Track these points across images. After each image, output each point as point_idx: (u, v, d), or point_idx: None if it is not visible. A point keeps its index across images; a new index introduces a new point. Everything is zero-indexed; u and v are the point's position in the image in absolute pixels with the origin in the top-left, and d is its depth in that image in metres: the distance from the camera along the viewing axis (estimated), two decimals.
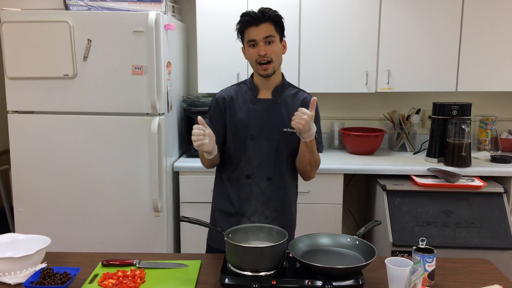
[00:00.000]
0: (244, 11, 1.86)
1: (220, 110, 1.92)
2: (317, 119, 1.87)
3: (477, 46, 2.94)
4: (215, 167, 2.01)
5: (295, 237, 1.92)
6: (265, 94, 1.91)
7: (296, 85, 2.96)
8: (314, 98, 1.74)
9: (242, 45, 1.90)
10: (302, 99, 1.92)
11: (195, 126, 1.71)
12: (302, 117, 1.68)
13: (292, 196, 1.99)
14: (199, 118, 1.72)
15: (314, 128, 1.74)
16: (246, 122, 1.87)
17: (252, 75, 1.95)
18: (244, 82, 1.98)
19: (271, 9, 1.83)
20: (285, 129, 1.87)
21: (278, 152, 1.88)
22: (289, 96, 1.91)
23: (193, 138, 1.70)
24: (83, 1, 2.72)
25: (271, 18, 1.81)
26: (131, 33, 2.55)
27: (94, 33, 2.56)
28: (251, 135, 1.87)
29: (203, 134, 1.70)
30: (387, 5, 2.92)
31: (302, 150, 1.83)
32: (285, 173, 1.92)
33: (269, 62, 1.81)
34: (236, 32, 1.88)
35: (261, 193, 1.88)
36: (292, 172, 1.96)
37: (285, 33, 2.93)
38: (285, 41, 1.91)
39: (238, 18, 2.73)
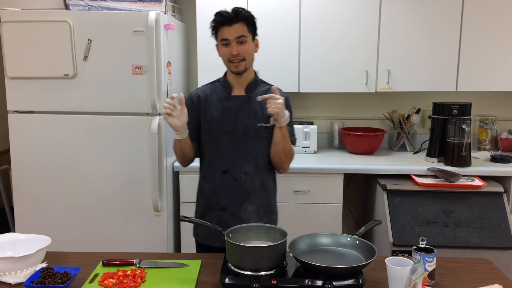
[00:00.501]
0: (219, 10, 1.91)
1: (195, 107, 1.99)
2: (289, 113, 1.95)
3: (477, 45, 2.94)
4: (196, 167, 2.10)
5: (277, 226, 1.93)
6: (238, 91, 1.97)
7: (296, 85, 3.01)
8: (275, 86, 1.84)
9: (216, 43, 1.96)
10: None
11: (167, 100, 1.80)
12: (277, 101, 1.75)
13: (270, 188, 2.05)
14: (181, 94, 1.83)
15: (287, 113, 1.83)
16: (221, 119, 1.94)
17: (225, 73, 2.01)
18: (218, 80, 2.04)
19: (244, 9, 1.88)
20: (259, 124, 1.93)
21: (253, 146, 1.94)
22: (261, 92, 1.95)
23: (164, 105, 1.79)
24: (83, 1, 2.72)
25: (244, 18, 1.86)
26: (131, 33, 2.55)
27: (94, 33, 2.57)
28: (226, 131, 1.94)
29: (173, 106, 1.78)
30: (387, 5, 2.92)
31: (277, 137, 1.89)
32: (262, 167, 1.98)
33: (241, 60, 1.88)
34: (210, 30, 1.94)
35: (239, 187, 1.95)
36: (269, 165, 2.02)
37: (285, 32, 2.96)
38: (257, 40, 1.97)
39: None
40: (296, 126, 3.09)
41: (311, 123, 3.23)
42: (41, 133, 2.68)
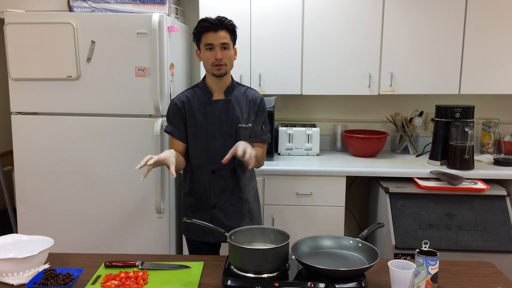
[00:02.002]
0: (203, 17, 2.03)
1: (181, 111, 2.11)
2: (262, 114, 2.14)
3: (480, 48, 2.93)
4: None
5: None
6: (218, 95, 2.11)
7: (299, 88, 3.02)
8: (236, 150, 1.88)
9: (196, 48, 2.09)
10: (251, 96, 2.14)
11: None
12: (251, 157, 1.84)
13: (253, 182, 2.22)
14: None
15: (253, 151, 1.90)
16: (206, 123, 2.08)
17: (204, 79, 2.14)
18: (197, 85, 2.17)
19: (227, 18, 2.02)
20: (239, 125, 2.08)
21: None
22: (240, 95, 2.13)
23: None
24: (86, 3, 2.73)
25: (227, 27, 2.01)
26: (134, 35, 2.55)
27: (98, 34, 2.57)
28: (211, 134, 2.08)
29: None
30: (390, 7, 2.92)
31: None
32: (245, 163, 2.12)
33: (223, 65, 2.01)
34: (192, 36, 2.07)
35: (227, 184, 2.11)
36: None
37: (288, 34, 2.97)
38: (236, 48, 2.11)
39: (241, 20, 2.86)
40: (298, 129, 3.12)
41: (314, 126, 3.23)
42: (44, 135, 2.68)
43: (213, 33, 1.98)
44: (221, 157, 2.05)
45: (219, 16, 2.01)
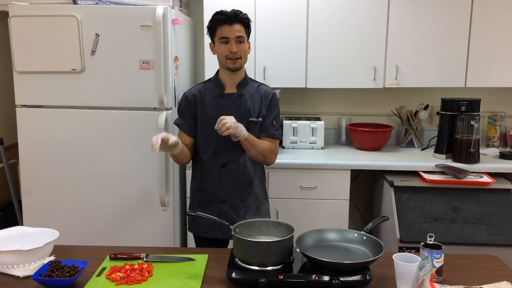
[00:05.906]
0: (219, 10, 2.03)
1: (192, 105, 2.11)
2: (274, 109, 2.12)
3: (487, 41, 2.91)
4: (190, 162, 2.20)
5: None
6: (231, 89, 2.10)
7: (303, 81, 3.01)
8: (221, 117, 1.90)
9: (210, 41, 2.09)
10: (263, 91, 2.13)
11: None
12: (225, 125, 1.85)
13: (263, 177, 2.21)
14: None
15: (243, 128, 1.94)
16: (217, 115, 2.01)
17: (217, 73, 2.14)
18: (209, 79, 2.17)
19: (242, 11, 2.03)
20: (250, 119, 2.08)
21: None
22: (252, 89, 2.12)
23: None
24: None
25: (242, 20, 2.02)
26: (138, 27, 2.55)
27: (102, 27, 2.57)
28: None
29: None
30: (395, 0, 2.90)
31: (244, 147, 2.02)
32: None
33: (237, 58, 2.01)
34: (206, 29, 2.07)
35: (237, 178, 2.08)
36: None
37: (293, 27, 2.96)
38: (249, 42, 2.11)
39: (246, 11, 2.81)
40: (303, 122, 3.11)
41: (318, 119, 3.22)
42: (49, 128, 2.69)
43: (228, 26, 1.98)
44: (231, 151, 2.06)
45: (234, 9, 2.00)
